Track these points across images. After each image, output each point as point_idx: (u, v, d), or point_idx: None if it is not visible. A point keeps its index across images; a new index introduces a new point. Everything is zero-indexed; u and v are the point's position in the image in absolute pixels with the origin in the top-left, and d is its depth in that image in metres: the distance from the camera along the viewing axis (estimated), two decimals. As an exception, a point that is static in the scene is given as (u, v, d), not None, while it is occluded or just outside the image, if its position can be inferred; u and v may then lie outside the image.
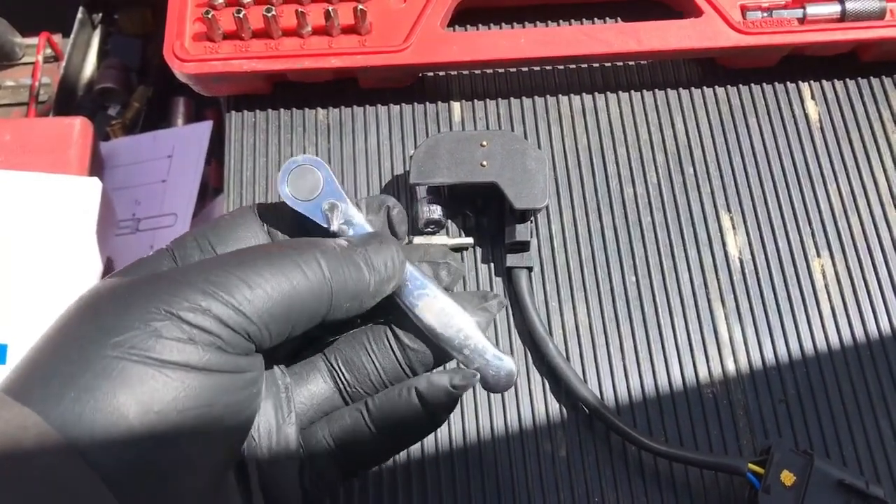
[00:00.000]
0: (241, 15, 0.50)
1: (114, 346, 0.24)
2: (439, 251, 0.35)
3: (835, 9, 0.53)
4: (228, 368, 0.26)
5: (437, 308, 0.32)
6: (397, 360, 0.33)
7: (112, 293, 0.26)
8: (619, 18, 0.57)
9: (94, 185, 0.69)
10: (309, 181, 0.33)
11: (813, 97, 0.55)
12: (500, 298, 0.35)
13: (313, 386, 0.33)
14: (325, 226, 0.33)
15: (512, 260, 0.49)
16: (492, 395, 0.47)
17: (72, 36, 0.71)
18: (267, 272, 0.26)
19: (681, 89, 0.55)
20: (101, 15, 0.71)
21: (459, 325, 0.32)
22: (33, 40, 0.96)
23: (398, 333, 0.33)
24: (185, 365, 0.24)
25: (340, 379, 0.33)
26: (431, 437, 0.46)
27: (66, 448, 0.22)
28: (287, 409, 0.31)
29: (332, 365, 0.33)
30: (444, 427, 0.46)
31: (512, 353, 0.48)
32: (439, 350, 0.34)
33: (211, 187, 0.98)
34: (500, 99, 0.55)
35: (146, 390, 0.24)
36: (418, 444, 0.46)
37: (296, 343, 0.32)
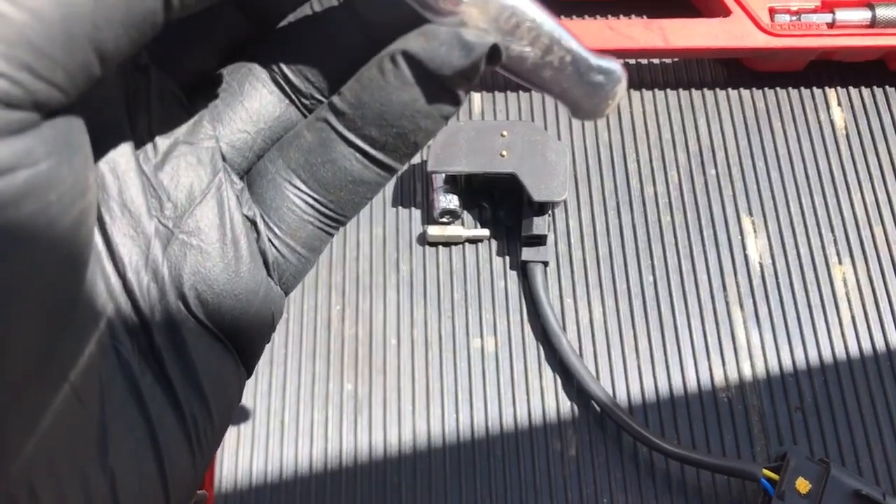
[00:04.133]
0: None
1: None
2: None
3: (865, 15, 0.52)
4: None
5: (494, 7, 0.19)
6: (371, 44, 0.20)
7: None
8: (645, 15, 0.56)
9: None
10: None
11: (839, 104, 0.54)
12: None
13: (253, 101, 0.21)
14: None
15: (528, 254, 0.48)
16: (501, 381, 0.46)
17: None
18: None
19: (705, 90, 0.54)
20: None
21: (534, 28, 0.19)
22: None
23: (366, 7, 0.21)
24: None
25: (289, 86, 0.21)
26: (437, 430, 0.45)
27: None
28: (209, 158, 0.20)
29: (273, 69, 0.21)
30: (451, 419, 0.45)
31: (524, 348, 0.47)
32: None
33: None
34: (521, 91, 0.54)
35: None
36: (424, 438, 0.45)
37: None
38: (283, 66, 0.21)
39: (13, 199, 0.14)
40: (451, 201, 0.49)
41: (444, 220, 0.49)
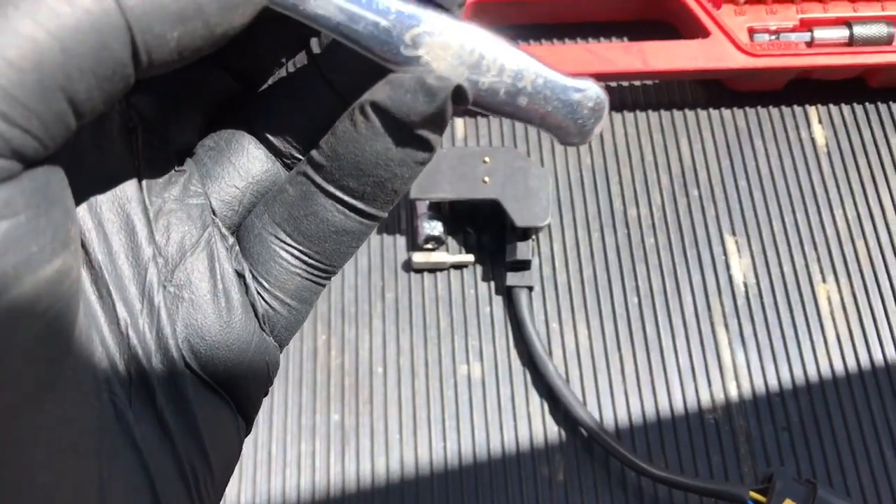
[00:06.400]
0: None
1: None
2: None
3: (843, 33, 0.52)
4: None
5: (454, 47, 0.19)
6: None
7: None
8: (625, 38, 0.56)
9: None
10: None
11: (820, 121, 0.54)
12: None
13: (240, 158, 0.21)
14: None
15: (512, 279, 0.48)
16: (488, 408, 0.46)
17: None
18: None
19: (686, 110, 0.54)
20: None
21: (498, 58, 0.19)
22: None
23: (334, 65, 0.21)
24: None
25: (269, 147, 0.22)
26: (425, 458, 0.45)
27: None
28: (198, 213, 0.20)
29: (254, 131, 0.22)
30: (438, 446, 0.45)
31: (511, 373, 0.47)
32: None
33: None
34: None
35: None
36: (412, 466, 0.45)
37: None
38: (262, 128, 0.22)
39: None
40: (435, 227, 0.49)
41: (429, 246, 0.49)
